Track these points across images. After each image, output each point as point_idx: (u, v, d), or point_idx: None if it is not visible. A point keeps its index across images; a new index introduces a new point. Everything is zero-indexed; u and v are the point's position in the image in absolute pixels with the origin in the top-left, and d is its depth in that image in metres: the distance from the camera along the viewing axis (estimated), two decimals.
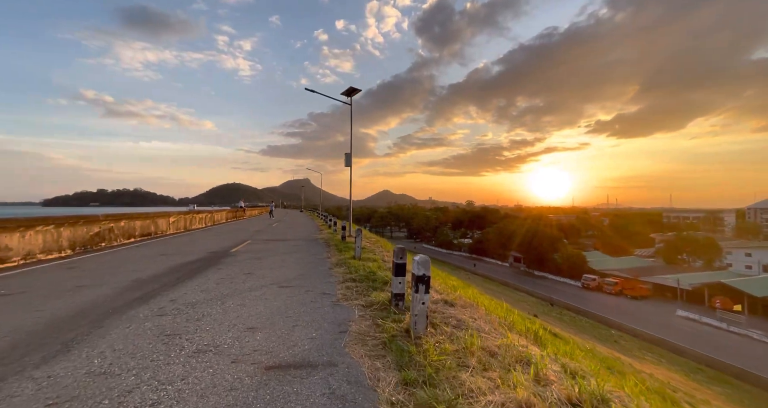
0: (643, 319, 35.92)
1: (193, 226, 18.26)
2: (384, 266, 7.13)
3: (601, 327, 35.39)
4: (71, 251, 8.72)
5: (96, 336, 3.28)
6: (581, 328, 34.06)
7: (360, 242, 8.24)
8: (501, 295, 41.29)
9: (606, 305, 41.65)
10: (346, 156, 13.97)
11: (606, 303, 42.88)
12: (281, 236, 14.52)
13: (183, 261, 7.93)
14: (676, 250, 55.85)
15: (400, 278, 4.28)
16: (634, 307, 40.80)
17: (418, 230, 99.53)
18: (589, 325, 35.69)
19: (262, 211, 47.81)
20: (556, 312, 40.14)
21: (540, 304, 43.00)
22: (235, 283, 5.77)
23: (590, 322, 36.95)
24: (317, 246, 11.43)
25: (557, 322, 34.05)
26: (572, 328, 31.42)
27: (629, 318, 36.54)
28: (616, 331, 34.04)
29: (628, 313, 38.23)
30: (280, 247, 10.99)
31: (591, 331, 32.94)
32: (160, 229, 14.34)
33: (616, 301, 43.65)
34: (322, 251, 10.08)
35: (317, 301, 4.74)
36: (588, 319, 38.27)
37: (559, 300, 43.85)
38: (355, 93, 13.98)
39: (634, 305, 41.47)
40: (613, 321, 35.89)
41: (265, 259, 8.35)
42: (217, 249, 10.19)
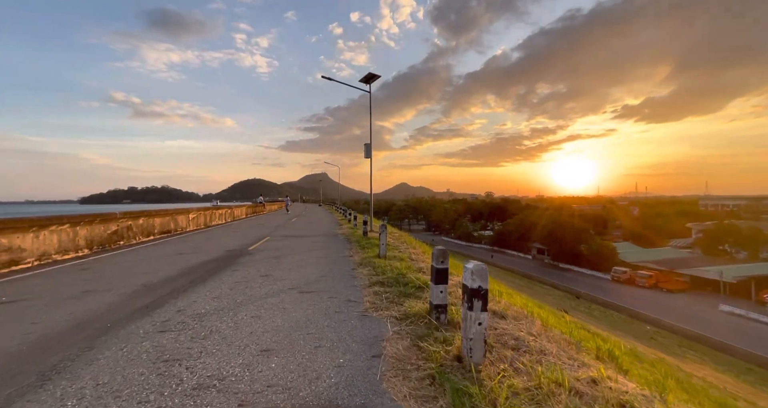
0: (681, 314, 33.75)
1: (212, 223, 18.14)
2: (413, 266, 6.42)
3: (634, 322, 33.59)
4: (88, 250, 8.48)
5: (82, 362, 2.73)
6: (613, 323, 32.41)
7: (385, 239, 7.54)
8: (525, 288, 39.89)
9: (639, 299, 39.49)
10: (366, 147, 13.25)
11: (639, 297, 40.65)
12: (301, 232, 14.06)
13: (198, 261, 7.49)
14: (716, 241, 52.30)
15: (441, 287, 3.54)
16: (670, 301, 38.46)
17: (436, 223, 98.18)
18: (621, 321, 33.95)
19: (281, 205, 48.08)
20: (585, 306, 38.47)
21: (566, 298, 41.34)
22: (251, 287, 5.20)
23: (622, 317, 35.15)
24: (338, 242, 10.84)
25: (587, 317, 32.56)
26: (604, 324, 29.89)
27: (666, 313, 34.44)
28: (651, 326, 32.16)
29: (665, 308, 36.04)
30: (299, 244, 10.47)
31: (624, 327, 31.28)
32: (180, 226, 14.16)
33: (651, 295, 41.31)
34: (343, 248, 9.46)
35: (342, 311, 4.08)
36: (620, 313, 36.41)
37: (588, 293, 42.01)
38: (374, 79, 13.17)
39: (671, 299, 39.09)
40: (648, 316, 33.95)
41: (284, 258, 7.81)
42: (235, 247, 9.77)
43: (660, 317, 33.03)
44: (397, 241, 10.67)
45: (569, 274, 52.04)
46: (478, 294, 2.60)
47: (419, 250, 9.02)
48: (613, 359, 3.47)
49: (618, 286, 45.15)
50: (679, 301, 38.31)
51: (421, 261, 7.21)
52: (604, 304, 38.49)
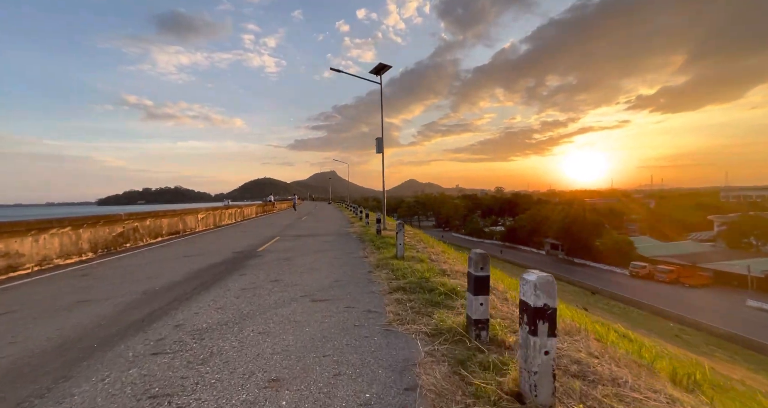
0: (706, 310, 32.37)
1: (222, 222, 17.84)
2: (435, 269, 5.84)
3: (656, 319, 32.40)
4: (93, 254, 8.14)
5: (52, 400, 2.24)
6: (634, 320, 31.29)
7: (402, 239, 6.97)
8: None
9: (660, 295, 38.11)
10: (377, 141, 12.66)
11: (660, 292, 39.24)
12: (311, 231, 13.59)
13: (205, 264, 7.05)
14: (741, 233, 50.20)
15: (481, 298, 2.95)
16: (693, 297, 36.99)
17: (446, 219, 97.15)
18: (642, 317, 32.79)
19: (291, 204, 47.91)
20: (603, 303, 37.36)
21: (584, 294, 40.26)
22: (259, 295, 4.70)
23: (643, 314, 33.96)
24: (351, 242, 10.32)
25: (607, 314, 31.54)
26: (625, 321, 28.81)
27: (689, 309, 33.08)
28: (675, 323, 30.95)
29: (688, 304, 34.65)
30: (310, 244, 9.99)
31: (646, 324, 30.16)
32: (189, 227, 13.85)
33: (672, 291, 39.85)
34: (357, 248, 8.93)
35: (363, 325, 3.53)
36: (640, 310, 35.17)
37: (605, 289, 40.82)
38: (384, 70, 12.54)
39: (694, 295, 37.61)
40: (671, 312, 32.69)
41: (295, 260, 7.31)
42: (244, 248, 9.33)
43: (684, 314, 31.78)
44: (413, 240, 10.09)
45: (585, 270, 50.76)
46: (544, 314, 2.01)
47: (438, 249, 8.43)
48: (696, 386, 2.84)
49: (637, 281, 43.73)
50: (703, 296, 36.81)
51: (443, 262, 6.63)
52: (624, 300, 37.33)
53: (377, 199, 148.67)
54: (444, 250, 8.28)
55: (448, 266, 6.14)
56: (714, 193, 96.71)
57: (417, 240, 10.20)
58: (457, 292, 4.40)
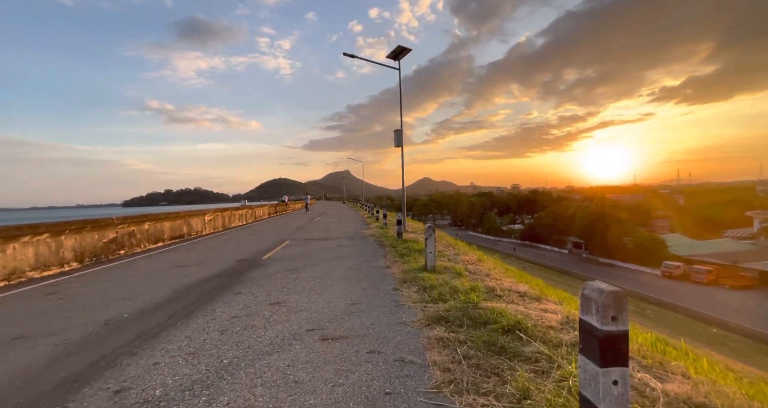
0: (751, 314, 29.61)
1: (232, 224, 16.93)
2: (480, 286, 4.50)
3: (696, 324, 29.90)
4: (78, 263, 7.18)
5: None
6: (671, 325, 28.94)
7: (433, 247, 5.65)
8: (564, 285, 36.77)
9: (698, 297, 35.39)
10: (396, 134, 11.36)
11: (697, 295, 36.48)
12: (324, 234, 12.42)
13: (197, 278, 5.93)
14: None
15: (615, 373, 1.60)
16: (736, 299, 34.06)
17: (462, 217, 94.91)
18: (680, 322, 30.33)
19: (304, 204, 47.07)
20: (634, 305, 34.97)
21: None
22: (252, 328, 3.49)
23: (680, 318, 31.48)
24: (368, 246, 9.07)
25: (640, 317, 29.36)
26: (661, 326, 26.60)
27: (732, 313, 30.40)
28: (717, 329, 28.43)
29: (730, 307, 31.89)
30: (322, 250, 8.79)
31: (684, 329, 27.81)
32: (195, 230, 12.92)
33: (711, 293, 36.98)
34: (376, 255, 7.67)
35: (397, 393, 2.26)
36: (676, 314, 32.65)
37: (635, 291, 38.36)
38: (403, 54, 11.21)
39: (736, 297, 34.67)
40: (712, 316, 30.12)
41: (304, 272, 6.11)
42: (247, 255, 8.21)
43: (727, 318, 29.19)
44: (439, 244, 8.74)
45: (612, 270, 48.03)
46: None
47: (473, 256, 7.06)
48: None
49: (670, 282, 40.92)
50: (747, 299, 33.84)
51: (485, 275, 5.28)
52: (657, 302, 34.82)
53: (391, 198, 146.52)
54: (481, 257, 6.92)
55: (496, 283, 4.80)
56: (749, 187, 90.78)
57: (444, 244, 8.85)
58: (526, 329, 3.07)
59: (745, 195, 77.37)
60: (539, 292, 4.30)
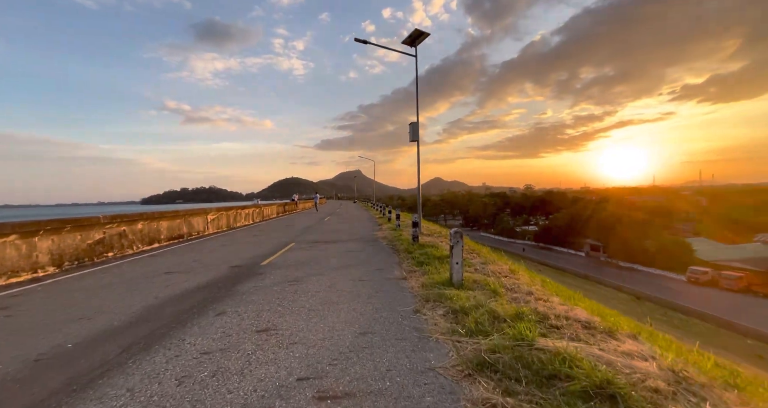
0: None
1: (237, 224, 16.16)
2: (526, 311, 3.44)
3: (729, 334, 27.93)
4: (56, 268, 6.40)
5: None
6: (700, 334, 27.04)
7: (461, 256, 4.61)
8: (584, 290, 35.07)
9: (728, 305, 33.24)
10: (411, 127, 10.33)
11: (727, 302, 34.30)
12: (332, 236, 11.47)
13: (181, 289, 5.05)
14: None
15: None
16: None
17: (474, 218, 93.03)
18: (710, 332, 28.39)
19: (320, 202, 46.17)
20: (660, 312, 33.08)
21: (633, 302, 36.01)
22: (223, 374, 2.54)
23: (710, 328, 29.51)
24: (381, 252, 8.07)
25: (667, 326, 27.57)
26: (691, 336, 24.80)
27: (764, 321, 28.29)
28: (752, 340, 26.47)
29: (765, 317, 29.71)
30: (329, 255, 7.82)
31: (715, 340, 25.95)
32: (196, 230, 12.15)
33: (742, 301, 34.73)
34: (390, 263, 6.66)
35: None
36: (705, 322, 30.67)
37: (660, 297, 36.37)
38: (421, 39, 10.16)
39: None
40: (746, 326, 28.07)
41: (305, 284, 5.16)
42: (245, 260, 7.32)
43: (761, 328, 27.12)
44: None
45: (633, 275, 45.84)
46: None
47: (503, 266, 5.97)
48: None
49: (697, 288, 38.71)
50: None
51: (528, 294, 4.21)
52: (685, 310, 32.82)
53: (402, 198, 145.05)
54: (514, 268, 5.82)
55: (545, 306, 3.72)
56: None
57: (467, 250, 7.77)
58: (623, 396, 2.02)
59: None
60: (610, 324, 3.21)
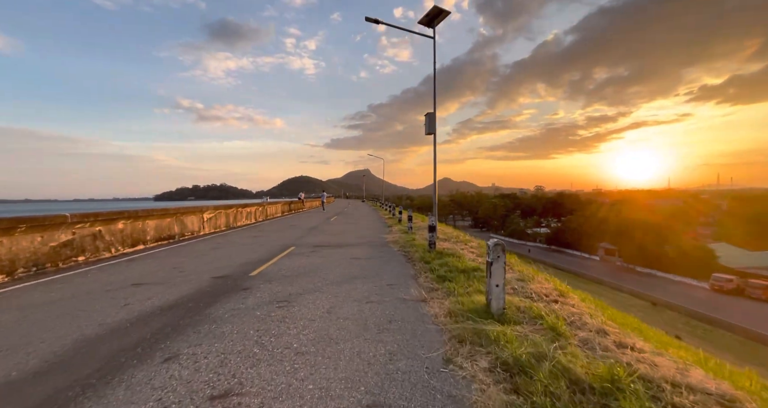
0: None
1: (237, 223, 15.13)
2: (622, 367, 2.24)
3: (757, 347, 26.09)
4: (4, 276, 5.37)
5: None
6: (727, 347, 25.32)
7: (502, 277, 3.40)
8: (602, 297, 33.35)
9: (757, 316, 31.22)
10: (428, 118, 9.12)
11: (755, 312, 32.25)
12: (337, 239, 10.31)
13: (139, 311, 3.94)
14: None
15: None
16: None
17: (484, 219, 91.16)
18: (739, 345, 26.58)
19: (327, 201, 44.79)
20: (682, 321, 31.29)
21: (654, 310, 34.19)
22: None
23: (738, 340, 27.66)
24: (392, 260, 6.87)
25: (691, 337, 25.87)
26: (719, 349, 23.07)
27: None
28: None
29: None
30: (332, 263, 6.66)
31: (744, 354, 24.17)
32: (190, 230, 11.13)
33: None
34: (404, 277, 5.47)
35: None
36: (732, 334, 28.78)
37: (681, 305, 34.50)
38: (440, 18, 8.92)
39: None
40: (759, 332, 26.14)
41: (296, 307, 4.00)
42: (233, 268, 6.20)
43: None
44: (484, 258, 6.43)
45: (653, 281, 43.81)
46: None
47: (548, 285, 4.71)
48: None
49: (721, 297, 36.63)
50: None
51: (600, 332, 2.99)
52: (709, 320, 30.93)
53: (411, 198, 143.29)
54: (563, 289, 4.57)
55: (639, 356, 2.49)
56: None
57: None
58: None
59: None
60: (746, 393, 1.99)
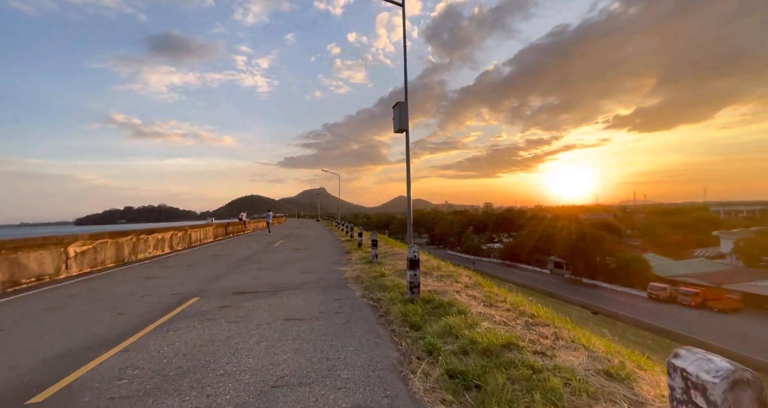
0: (753, 343, 27.21)
1: (139, 256, 11.47)
2: None
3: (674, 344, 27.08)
4: None
5: None
6: (654, 348, 26.02)
7: None
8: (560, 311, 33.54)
9: (692, 322, 33.13)
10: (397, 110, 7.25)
11: (689, 319, 34.29)
12: (273, 277, 7.68)
13: None
14: (759, 250, 46.40)
15: None
16: (730, 324, 31.90)
17: (441, 236, 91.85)
18: (666, 346, 27.46)
19: (275, 222, 40.55)
20: (631, 332, 32.15)
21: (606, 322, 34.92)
22: None
23: (673, 344, 28.62)
24: (356, 323, 4.57)
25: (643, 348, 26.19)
26: (648, 349, 23.46)
27: (733, 340, 27.92)
28: None
29: (729, 334, 29.53)
30: (246, 341, 4.11)
31: (663, 351, 24.89)
32: (34, 274, 7.58)
33: (702, 317, 34.95)
34: (385, 375, 3.22)
35: None
36: (674, 341, 29.90)
37: (626, 315, 35.92)
38: None
39: (730, 322, 32.63)
40: (715, 346, 27.40)
41: None
42: (23, 373, 3.48)
43: (730, 348, 26.49)
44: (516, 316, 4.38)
45: (598, 291, 45.84)
46: None
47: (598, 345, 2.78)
48: None
49: (658, 305, 38.91)
50: (741, 324, 31.85)
51: None
52: (654, 329, 32.15)
53: (367, 216, 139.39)
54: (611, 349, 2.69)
55: None
56: (705, 207, 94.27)
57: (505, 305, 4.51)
58: None
59: (704, 215, 79.73)
60: None
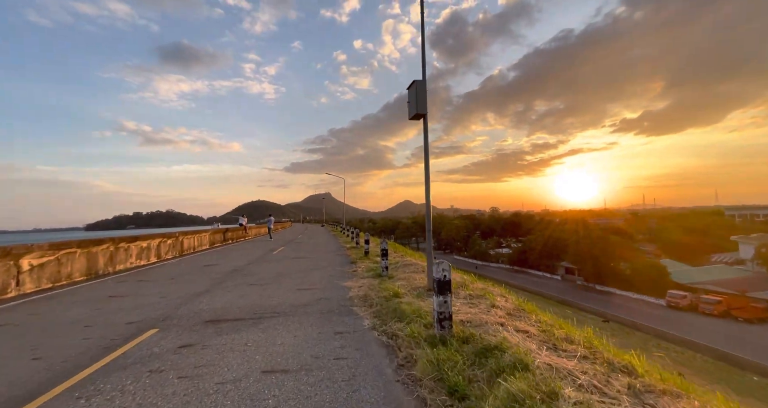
0: None
1: (117, 267, 10.36)
2: None
3: (728, 368, 25.22)
4: None
5: None
6: (700, 369, 24.20)
7: None
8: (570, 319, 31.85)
9: (716, 332, 31.03)
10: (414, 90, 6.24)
11: (714, 329, 32.18)
12: (261, 297, 6.54)
13: None
14: None
15: None
16: (760, 335, 29.81)
17: (447, 241, 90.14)
18: (708, 365, 25.60)
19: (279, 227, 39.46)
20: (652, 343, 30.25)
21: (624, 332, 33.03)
22: None
23: (708, 361, 26.80)
24: (365, 382, 3.44)
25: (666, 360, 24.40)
26: (693, 372, 21.75)
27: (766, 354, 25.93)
28: (759, 377, 23.85)
29: (759, 346, 27.48)
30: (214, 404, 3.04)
31: (716, 375, 23.15)
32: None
33: (728, 327, 32.78)
34: None
35: None
36: (701, 355, 27.96)
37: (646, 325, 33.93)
38: None
39: (759, 333, 30.51)
40: (742, 358, 25.52)
41: None
42: None
43: (760, 360, 24.62)
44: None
45: (612, 299, 43.80)
46: None
47: None
48: None
49: (678, 313, 36.87)
50: None
51: None
52: (676, 339, 30.19)
53: (372, 221, 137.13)
54: None
55: None
56: (720, 212, 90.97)
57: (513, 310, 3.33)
58: None
59: (720, 220, 76.75)
60: None
